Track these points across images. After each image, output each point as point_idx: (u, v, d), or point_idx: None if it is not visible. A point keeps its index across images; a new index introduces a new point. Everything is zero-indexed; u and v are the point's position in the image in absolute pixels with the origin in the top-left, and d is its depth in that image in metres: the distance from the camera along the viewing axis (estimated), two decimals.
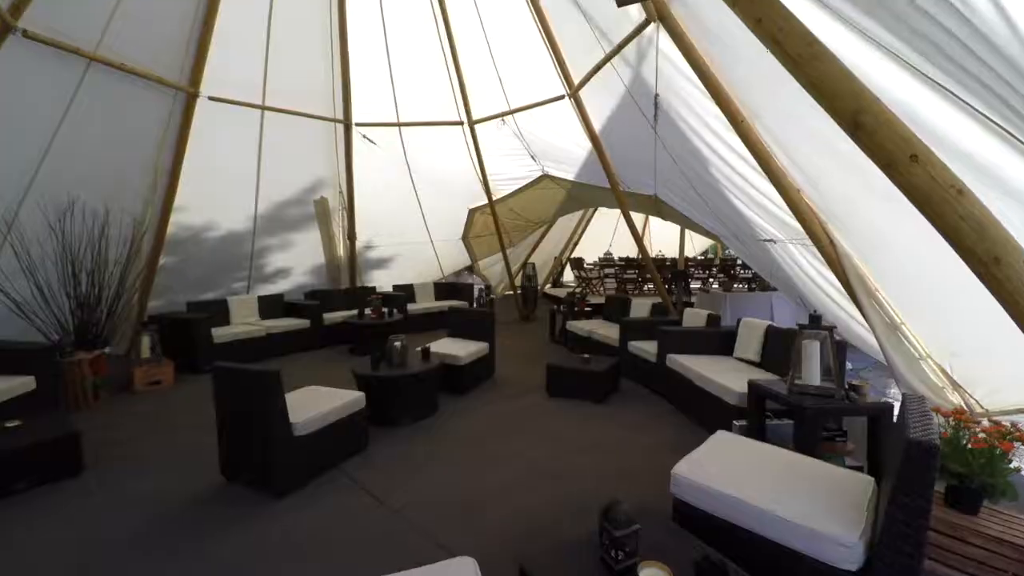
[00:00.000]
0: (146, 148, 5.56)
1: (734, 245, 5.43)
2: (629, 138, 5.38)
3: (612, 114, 5.29)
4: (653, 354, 4.67)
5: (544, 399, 4.56)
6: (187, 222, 6.27)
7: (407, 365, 4.17)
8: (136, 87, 5.20)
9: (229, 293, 7.00)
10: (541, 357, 6.27)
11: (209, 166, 6.11)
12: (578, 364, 4.59)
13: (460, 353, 4.71)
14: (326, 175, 7.31)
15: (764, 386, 2.86)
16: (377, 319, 6.47)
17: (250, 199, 6.64)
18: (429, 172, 7.81)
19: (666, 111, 4.39)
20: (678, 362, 4.19)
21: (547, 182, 7.38)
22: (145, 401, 4.69)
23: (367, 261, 8.40)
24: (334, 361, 6.08)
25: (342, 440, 3.29)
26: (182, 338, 5.46)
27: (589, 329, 6.04)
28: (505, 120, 6.57)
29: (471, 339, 5.29)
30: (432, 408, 4.23)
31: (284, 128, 6.49)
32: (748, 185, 4.02)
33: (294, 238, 7.43)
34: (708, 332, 4.47)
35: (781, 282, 5.18)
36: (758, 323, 4.08)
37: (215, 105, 5.77)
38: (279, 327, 6.26)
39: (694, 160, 4.50)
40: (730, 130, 3.72)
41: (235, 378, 2.98)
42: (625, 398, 4.57)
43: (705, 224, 5.51)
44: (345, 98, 6.81)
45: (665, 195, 5.70)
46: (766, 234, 4.38)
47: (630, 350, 5.12)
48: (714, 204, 4.82)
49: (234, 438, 3.04)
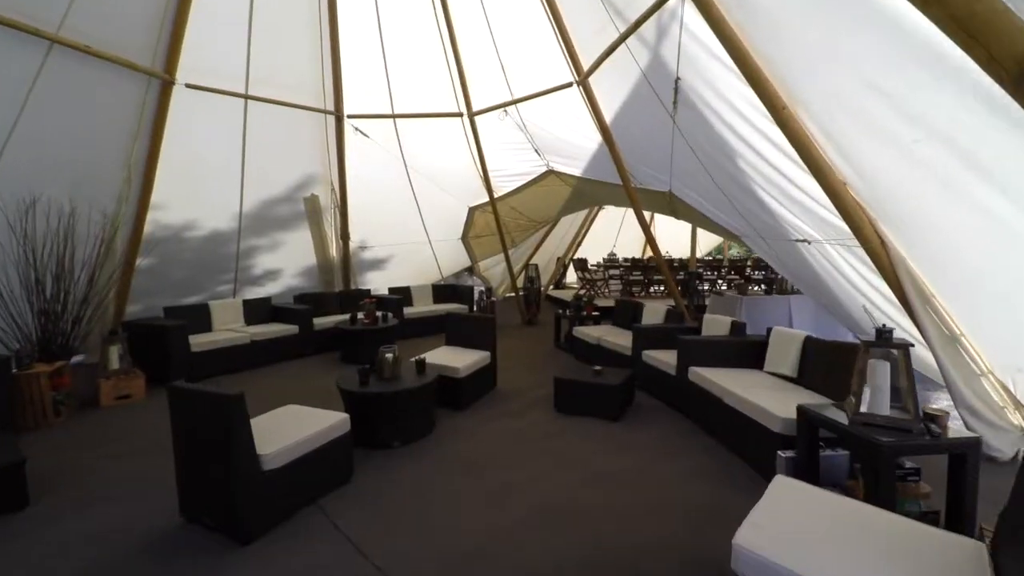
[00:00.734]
0: (118, 140, 5.12)
1: (758, 246, 4.99)
2: (643, 129, 4.94)
3: (625, 102, 4.84)
4: (671, 365, 4.23)
5: (552, 416, 4.12)
6: (166, 220, 5.84)
7: (400, 379, 3.73)
8: (105, 73, 4.76)
9: (214, 297, 6.57)
10: (546, 365, 5.86)
11: (189, 160, 5.68)
12: (589, 377, 4.15)
13: (459, 365, 4.27)
14: (317, 171, 6.87)
15: (820, 415, 2.42)
16: (370, 325, 6.03)
17: (234, 196, 6.20)
18: (427, 168, 7.37)
19: (688, 97, 3.94)
20: (702, 376, 3.74)
21: (552, 178, 6.94)
22: (112, 418, 4.25)
23: (361, 262, 7.96)
24: (324, 370, 5.64)
25: (322, 471, 2.85)
26: (156, 347, 5.02)
27: (598, 336, 5.59)
28: (508, 111, 6.12)
29: (471, 347, 4.86)
30: (427, 427, 3.79)
31: (270, 120, 6.05)
32: (783, 178, 3.58)
33: (283, 238, 7.00)
34: (734, 342, 4.02)
35: (811, 286, 4.74)
36: (793, 333, 3.63)
37: (193, 94, 5.33)
38: (265, 333, 5.82)
39: (718, 152, 4.06)
40: (765, 117, 3.28)
41: (191, 401, 2.54)
42: (642, 415, 4.13)
43: (725, 223, 5.07)
44: (336, 87, 6.37)
45: (681, 191, 5.27)
46: (799, 234, 3.94)
47: (644, 360, 4.68)
48: (739, 200, 4.38)
49: (193, 472, 2.60)
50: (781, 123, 3.16)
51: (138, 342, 5.17)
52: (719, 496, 2.75)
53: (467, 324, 5.04)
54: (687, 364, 3.97)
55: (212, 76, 5.39)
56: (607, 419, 3.97)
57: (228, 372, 5.43)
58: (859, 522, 1.66)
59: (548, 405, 4.33)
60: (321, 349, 6.40)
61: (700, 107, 3.87)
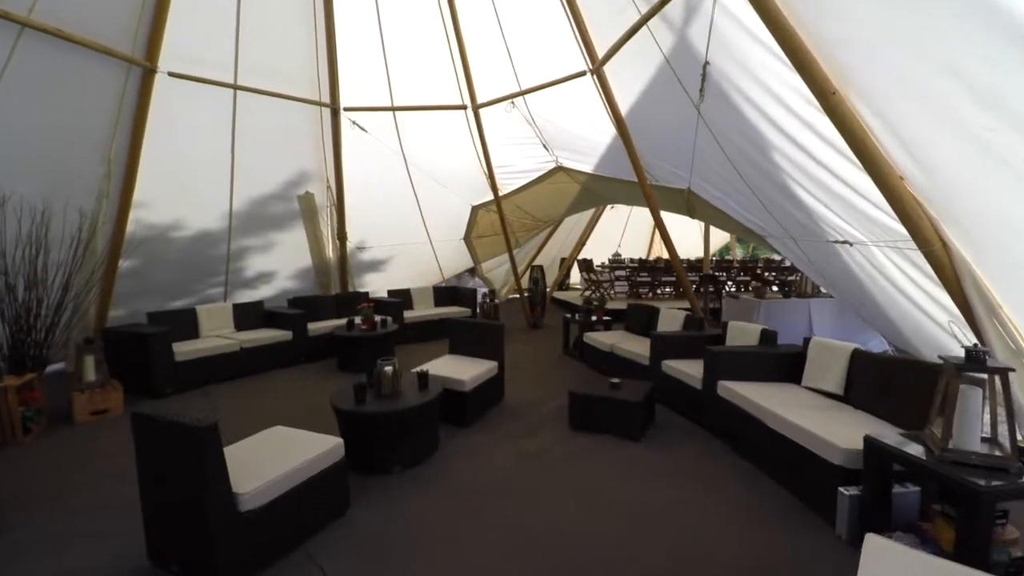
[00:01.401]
0: (96, 133, 4.77)
1: (786, 248, 4.63)
2: (663, 121, 4.59)
3: (644, 92, 4.48)
4: (696, 378, 3.87)
5: (567, 434, 3.76)
6: (151, 220, 5.48)
7: (400, 396, 3.37)
8: (81, 60, 4.40)
9: (204, 300, 6.22)
10: (555, 374, 5.50)
11: (174, 155, 5.33)
12: (607, 391, 3.79)
13: (464, 377, 3.91)
14: (311, 167, 6.51)
15: (897, 450, 2.06)
16: (368, 331, 5.67)
17: (224, 194, 5.84)
18: (428, 164, 7.00)
19: (717, 84, 3.59)
20: (735, 392, 3.39)
21: (560, 175, 6.58)
22: (85, 437, 3.88)
23: (359, 264, 7.60)
24: (319, 380, 5.28)
25: (311, 506, 2.49)
26: (137, 356, 4.65)
27: (611, 343, 5.23)
28: (515, 103, 5.76)
29: (477, 356, 4.50)
30: (430, 448, 3.43)
31: (261, 112, 5.69)
32: (825, 173, 3.22)
33: (277, 238, 6.64)
34: (768, 354, 3.66)
35: (847, 292, 4.38)
36: (838, 345, 3.27)
37: (178, 83, 4.97)
38: (256, 340, 5.45)
39: (749, 144, 3.70)
40: (810, 103, 2.93)
41: (158, 431, 2.18)
42: (665, 433, 3.77)
43: (750, 222, 4.71)
44: (331, 78, 6.00)
45: (701, 188, 4.91)
46: (840, 235, 3.58)
47: (664, 371, 4.32)
48: (769, 197, 4.02)
49: (160, 512, 2.24)
50: (830, 110, 2.80)
51: (117, 351, 4.80)
52: (777, 546, 2.35)
53: (472, 331, 4.68)
54: (716, 377, 3.61)
55: (198, 64, 5.03)
56: (629, 438, 3.61)
57: (216, 382, 5.07)
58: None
59: (561, 421, 3.98)
60: (316, 356, 6.04)
61: (731, 95, 3.51)
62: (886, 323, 4.13)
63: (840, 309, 6.89)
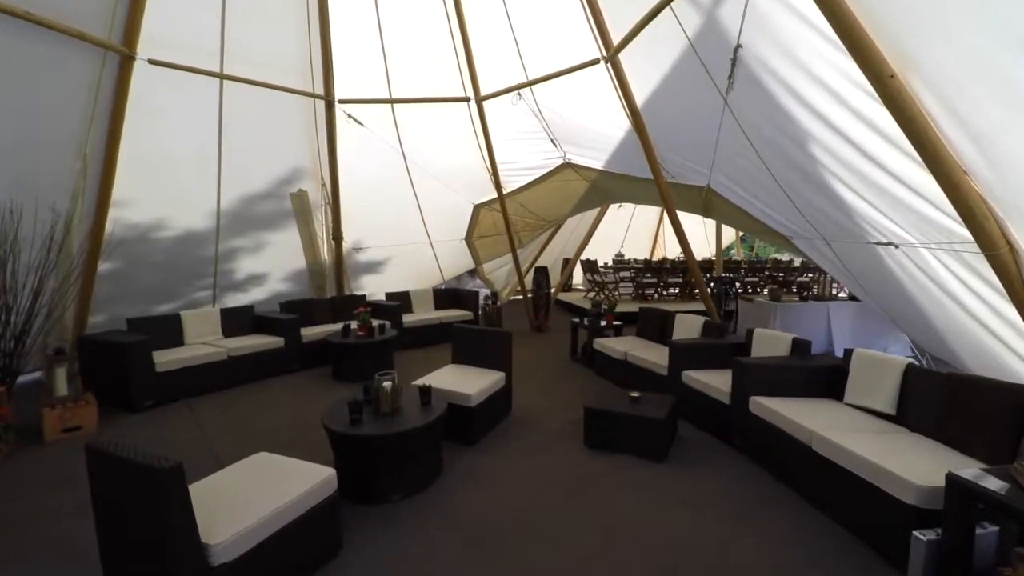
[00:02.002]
0: (69, 126, 4.41)
1: (814, 249, 4.32)
2: (683, 112, 4.26)
3: (663, 81, 4.16)
4: (723, 392, 3.55)
5: (582, 453, 3.44)
6: (131, 219, 5.12)
7: (400, 414, 3.03)
8: (52, 45, 4.04)
9: (192, 305, 5.87)
10: (564, 382, 5.18)
11: (156, 149, 4.98)
12: (627, 407, 3.47)
13: (470, 391, 3.58)
14: (305, 163, 6.15)
15: (992, 493, 1.74)
16: (365, 337, 5.32)
17: (211, 191, 5.49)
18: (428, 161, 6.66)
19: (749, 69, 3.26)
20: (770, 410, 3.07)
21: (568, 172, 6.25)
22: (54, 457, 3.53)
23: (356, 265, 7.25)
24: (312, 390, 4.94)
25: (298, 551, 2.16)
26: (114, 366, 4.30)
27: (624, 351, 4.91)
28: (521, 94, 5.42)
29: (482, 366, 4.17)
30: (433, 472, 3.09)
31: (250, 104, 5.33)
32: (874, 167, 2.90)
33: (268, 238, 6.28)
34: (804, 367, 3.34)
35: (884, 296, 4.07)
36: (889, 359, 2.95)
37: (159, 71, 4.61)
38: (245, 347, 5.10)
39: (783, 136, 3.38)
40: (862, 89, 2.61)
41: (113, 469, 1.85)
42: (691, 453, 3.45)
43: (776, 222, 4.40)
44: (325, 67, 5.64)
45: (722, 185, 4.59)
46: (884, 235, 3.26)
47: (685, 383, 4.01)
48: (801, 195, 3.70)
49: (121, 563, 1.91)
50: (887, 96, 2.48)
51: (94, 361, 4.47)
52: None
53: (477, 339, 4.34)
54: (747, 392, 3.29)
55: (180, 51, 4.67)
56: (650, 459, 3.29)
57: (201, 393, 4.72)
58: None
59: (575, 437, 3.65)
60: (310, 363, 5.70)
61: (765, 81, 3.19)
62: (930, 335, 3.82)
63: (859, 313, 6.60)
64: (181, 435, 3.83)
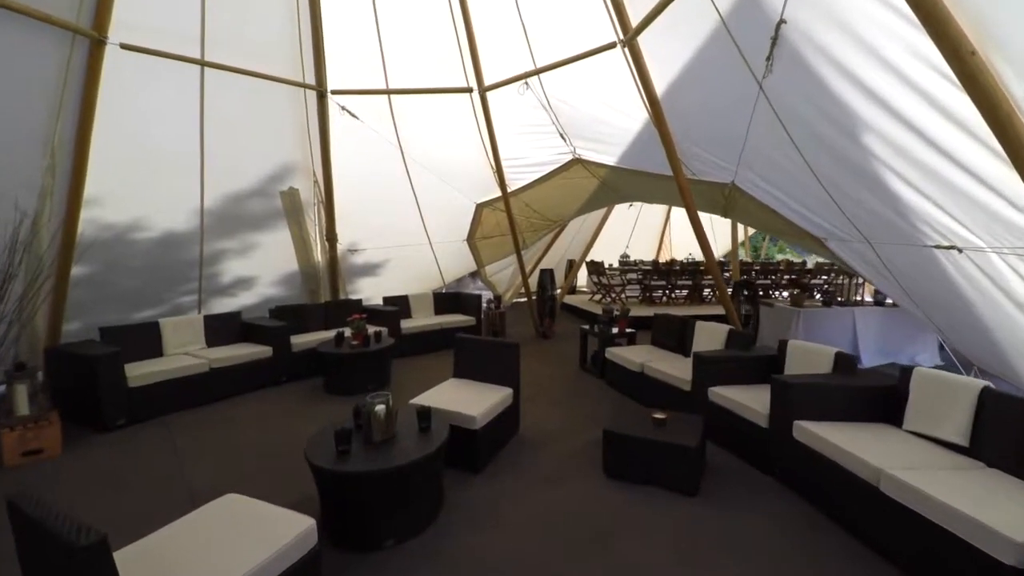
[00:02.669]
0: (34, 118, 4.01)
1: (853, 253, 3.92)
2: (709, 101, 3.87)
3: (687, 66, 3.76)
4: (759, 414, 3.16)
5: (601, 484, 3.05)
6: (106, 219, 4.73)
7: (395, 444, 2.64)
8: (14, 28, 3.65)
9: (175, 311, 5.47)
10: (575, 396, 4.79)
11: (131, 144, 4.58)
12: (651, 432, 3.07)
13: (475, 411, 3.19)
14: (295, 159, 5.76)
15: None
16: (360, 346, 4.93)
17: (193, 189, 5.09)
18: (427, 156, 6.26)
19: (794, 49, 2.87)
20: (820, 439, 2.68)
21: (577, 169, 5.84)
22: (10, 486, 3.14)
23: (351, 268, 6.86)
24: (302, 405, 4.55)
25: None
26: (83, 381, 3.91)
27: (641, 362, 4.51)
28: (528, 83, 5.01)
29: (487, 381, 3.79)
30: (432, 510, 2.70)
31: (235, 94, 4.94)
32: (942, 158, 2.51)
33: (257, 240, 5.88)
34: (854, 387, 2.95)
35: (931, 306, 3.68)
36: (960, 381, 2.56)
37: (133, 57, 4.22)
38: (230, 358, 4.71)
39: (829, 124, 2.98)
40: (935, 68, 2.22)
41: (32, 532, 1.46)
42: (725, 485, 3.05)
43: (807, 222, 4.01)
44: (316, 55, 5.25)
45: (749, 182, 4.20)
46: (945, 237, 2.87)
47: (713, 400, 3.62)
48: (845, 192, 3.31)
49: None
50: (966, 77, 2.09)
51: (61, 375, 4.09)
52: None
53: (482, 351, 3.95)
54: (790, 415, 2.90)
55: (156, 35, 4.28)
56: (680, 492, 2.90)
57: (180, 409, 4.34)
58: None
59: (592, 463, 3.27)
60: (302, 374, 5.31)
61: (812, 62, 2.79)
62: (989, 351, 3.43)
63: (886, 320, 6.22)
64: (152, 460, 3.44)
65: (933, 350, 6.35)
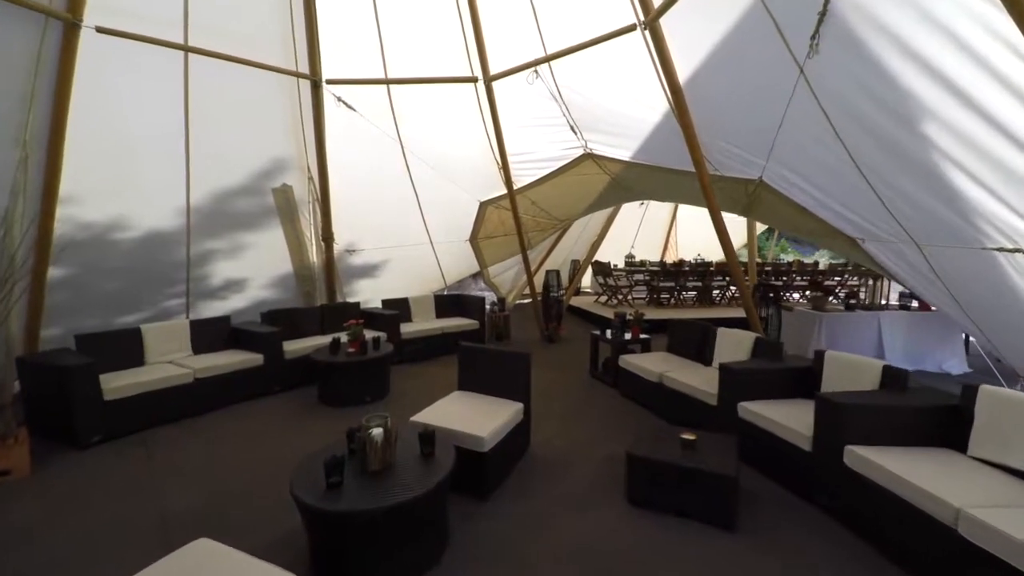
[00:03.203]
0: (3, 106, 3.70)
1: (893, 256, 3.60)
2: (739, 89, 3.55)
3: (715, 49, 3.43)
4: (802, 436, 2.84)
5: (626, 514, 2.73)
6: (84, 217, 4.42)
7: (393, 474, 2.32)
8: None
9: (162, 315, 5.16)
10: (587, 407, 4.48)
11: (110, 137, 4.27)
12: (680, 455, 2.75)
13: (483, 432, 2.87)
14: (288, 154, 5.43)
15: None
16: (357, 354, 4.60)
17: (178, 185, 4.77)
18: (429, 151, 5.94)
19: (844, 28, 2.54)
20: (879, 468, 2.35)
21: (588, 165, 5.51)
22: None
23: (349, 269, 6.54)
24: (294, 419, 4.22)
25: None
26: (56, 395, 3.60)
27: (659, 373, 4.20)
28: (538, 72, 4.68)
29: (495, 394, 3.47)
30: (436, 548, 2.38)
31: (223, 85, 4.62)
32: (1017, 151, 2.19)
33: (249, 240, 5.56)
34: (912, 408, 2.62)
35: (980, 313, 3.35)
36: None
37: (111, 43, 3.89)
38: (216, 367, 4.38)
39: (883, 112, 2.66)
40: (1014, 50, 1.91)
41: None
42: (765, 516, 2.72)
43: (845, 221, 3.68)
44: (310, 42, 4.91)
45: (779, 178, 3.87)
46: (1011, 239, 2.55)
47: (743, 417, 3.30)
48: (895, 187, 2.98)
49: None
50: None
51: (34, 388, 3.76)
52: None
53: (489, 361, 3.62)
54: (840, 440, 2.57)
55: (135, 18, 3.96)
56: (716, 525, 2.58)
57: (162, 423, 4.01)
58: None
59: (613, 488, 2.95)
60: (295, 382, 4.99)
61: (867, 39, 2.47)
62: None
63: (912, 325, 5.90)
64: (126, 483, 3.12)
65: (961, 357, 6.05)
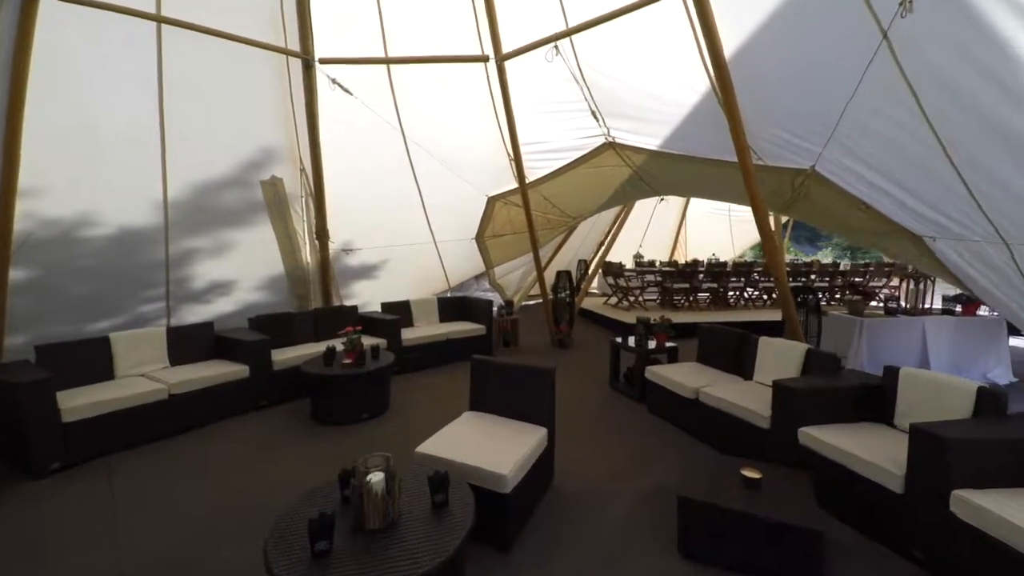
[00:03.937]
0: None
1: (969, 258, 3.12)
2: (797, 62, 3.06)
3: (770, 16, 2.95)
4: (890, 474, 2.35)
5: (679, 570, 2.25)
6: (48, 213, 3.94)
7: (396, 534, 1.84)
8: None
9: (139, 321, 4.67)
10: (612, 425, 4.02)
11: (75, 122, 3.78)
12: (744, 500, 2.27)
13: (504, 468, 2.38)
14: (278, 143, 4.94)
15: None
16: (354, 365, 4.11)
17: (153, 177, 4.28)
18: (433, 141, 5.46)
19: None
20: (995, 519, 1.88)
21: (608, 156, 5.02)
22: None
23: (345, 270, 6.05)
24: (282, 440, 3.73)
25: None
26: (6, 415, 3.12)
27: (695, 388, 3.71)
28: (559, 47, 4.18)
29: (513, 417, 2.99)
30: None
31: (202, 64, 4.12)
32: None
33: (235, 238, 5.08)
34: None
35: None
36: None
37: (72, 12, 3.39)
38: (195, 380, 3.90)
39: (992, 85, 2.17)
40: None
41: None
42: (851, 573, 2.25)
43: (914, 216, 3.20)
44: (301, 16, 4.41)
45: (838, 166, 3.39)
46: None
47: (806, 445, 2.82)
48: (995, 177, 2.50)
49: None
50: None
51: None
52: None
53: (504, 376, 3.12)
54: (945, 482, 2.09)
55: None
56: None
57: (131, 446, 3.53)
58: None
59: (658, 534, 2.48)
60: (286, 395, 4.51)
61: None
62: None
63: (957, 331, 5.45)
64: (82, 522, 2.64)
65: (1007, 364, 5.61)
